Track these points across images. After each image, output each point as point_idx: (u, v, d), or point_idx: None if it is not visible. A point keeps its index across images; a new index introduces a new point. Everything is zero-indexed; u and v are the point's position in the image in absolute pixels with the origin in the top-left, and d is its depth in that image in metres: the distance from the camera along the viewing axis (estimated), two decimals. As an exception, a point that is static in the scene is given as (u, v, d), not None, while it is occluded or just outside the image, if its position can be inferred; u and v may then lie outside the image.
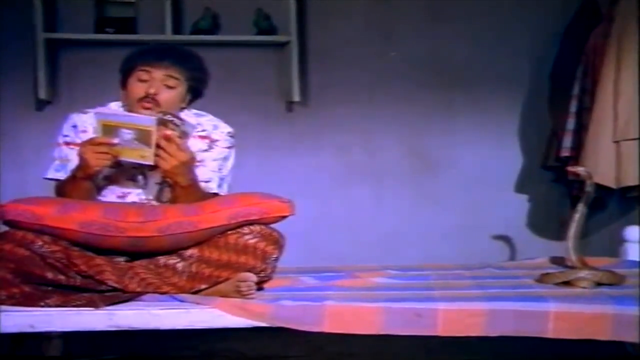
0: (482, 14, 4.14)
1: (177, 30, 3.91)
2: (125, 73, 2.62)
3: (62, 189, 2.56)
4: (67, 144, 2.61)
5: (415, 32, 4.15)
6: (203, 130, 2.66)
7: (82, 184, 2.49)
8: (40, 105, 3.86)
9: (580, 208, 2.82)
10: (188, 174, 2.50)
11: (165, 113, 2.49)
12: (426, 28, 4.16)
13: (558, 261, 3.14)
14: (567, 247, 2.80)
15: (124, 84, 2.63)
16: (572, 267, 2.77)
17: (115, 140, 2.41)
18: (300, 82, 3.97)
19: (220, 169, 2.66)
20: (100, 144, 2.42)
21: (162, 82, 2.56)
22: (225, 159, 2.68)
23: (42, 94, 3.78)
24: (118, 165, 2.54)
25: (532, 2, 4.15)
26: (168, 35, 3.84)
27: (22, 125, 3.87)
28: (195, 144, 2.60)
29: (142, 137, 2.42)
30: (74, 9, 3.94)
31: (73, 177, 2.51)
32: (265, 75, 4.07)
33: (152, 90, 2.54)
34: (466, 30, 4.15)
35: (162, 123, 2.45)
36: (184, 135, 2.49)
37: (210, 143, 2.65)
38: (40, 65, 3.76)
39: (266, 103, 4.08)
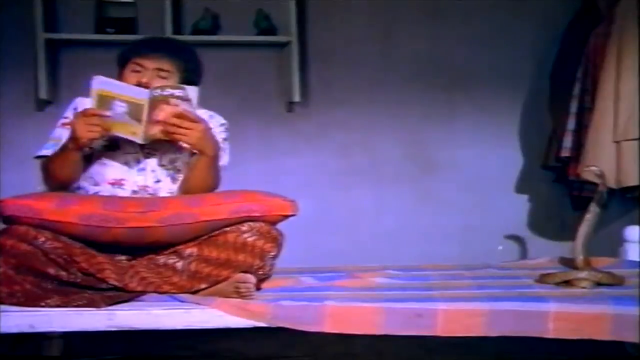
0: (482, 13, 4.15)
1: (177, 30, 3.91)
2: (121, 66, 2.66)
3: (49, 162, 2.55)
4: (64, 124, 2.62)
5: (415, 32, 4.15)
6: None
7: (70, 155, 2.48)
8: (41, 105, 3.86)
9: (593, 208, 2.79)
10: (212, 139, 2.53)
11: (163, 88, 2.48)
12: (426, 28, 4.16)
13: (558, 261, 3.13)
14: (576, 246, 2.77)
15: (120, 76, 2.65)
16: (573, 267, 2.76)
17: (108, 113, 2.42)
18: (301, 82, 3.97)
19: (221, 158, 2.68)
20: (92, 115, 2.43)
21: (155, 73, 2.59)
22: (223, 150, 2.69)
23: (43, 94, 3.78)
24: (112, 145, 2.57)
25: (532, 2, 4.15)
26: (168, 36, 3.84)
27: (22, 125, 3.86)
28: None
29: (134, 111, 2.43)
30: (74, 9, 3.95)
31: (62, 149, 2.50)
32: (266, 75, 4.07)
33: (144, 80, 2.56)
34: (466, 30, 4.15)
35: (162, 101, 2.44)
36: (189, 101, 2.47)
37: None
38: (40, 65, 3.76)
39: (266, 103, 4.08)
